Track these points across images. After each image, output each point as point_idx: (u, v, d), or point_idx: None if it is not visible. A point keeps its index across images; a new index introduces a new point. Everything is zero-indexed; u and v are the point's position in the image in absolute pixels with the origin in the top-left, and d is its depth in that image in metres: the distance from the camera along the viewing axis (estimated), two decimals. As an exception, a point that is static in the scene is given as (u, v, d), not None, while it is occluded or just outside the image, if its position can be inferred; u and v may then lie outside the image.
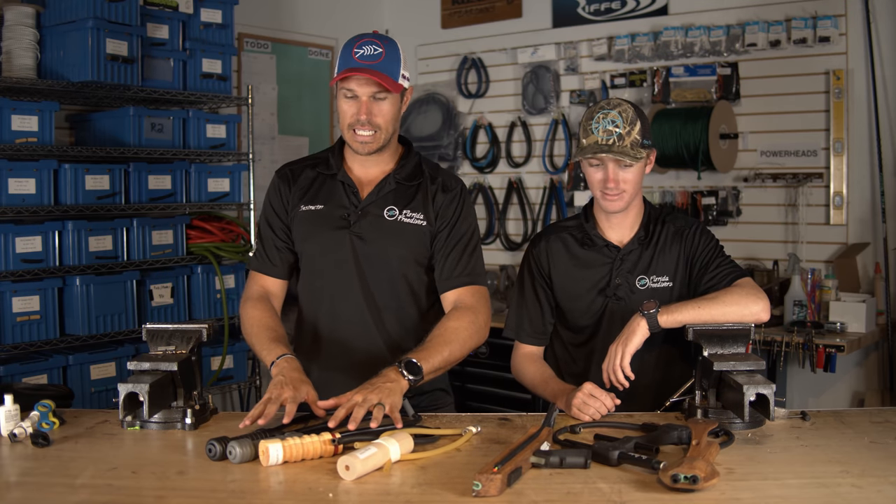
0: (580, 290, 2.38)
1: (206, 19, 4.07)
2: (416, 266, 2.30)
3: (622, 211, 2.33)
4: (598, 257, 2.37)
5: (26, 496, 1.63)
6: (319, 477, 1.68)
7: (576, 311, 2.39)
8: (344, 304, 2.29)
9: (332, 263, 2.29)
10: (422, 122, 5.41)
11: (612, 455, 1.71)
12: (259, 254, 2.39)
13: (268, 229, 2.37)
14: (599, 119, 2.25)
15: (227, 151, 4.16)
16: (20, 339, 3.42)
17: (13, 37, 3.50)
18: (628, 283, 2.33)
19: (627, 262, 2.35)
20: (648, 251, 2.35)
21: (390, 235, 2.27)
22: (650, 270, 2.34)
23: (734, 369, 1.98)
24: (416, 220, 2.28)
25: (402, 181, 2.31)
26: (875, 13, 4.01)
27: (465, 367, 4.51)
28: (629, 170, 2.26)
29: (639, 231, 2.36)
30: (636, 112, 2.26)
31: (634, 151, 2.23)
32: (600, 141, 2.24)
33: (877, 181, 4.01)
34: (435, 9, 5.49)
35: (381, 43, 2.21)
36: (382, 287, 2.29)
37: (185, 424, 2.02)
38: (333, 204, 2.30)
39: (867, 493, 1.57)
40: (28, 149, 3.45)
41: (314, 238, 2.30)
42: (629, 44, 4.65)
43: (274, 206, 2.36)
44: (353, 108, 2.21)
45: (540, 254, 2.43)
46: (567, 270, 2.39)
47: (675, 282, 2.34)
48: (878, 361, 4.07)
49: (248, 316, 2.30)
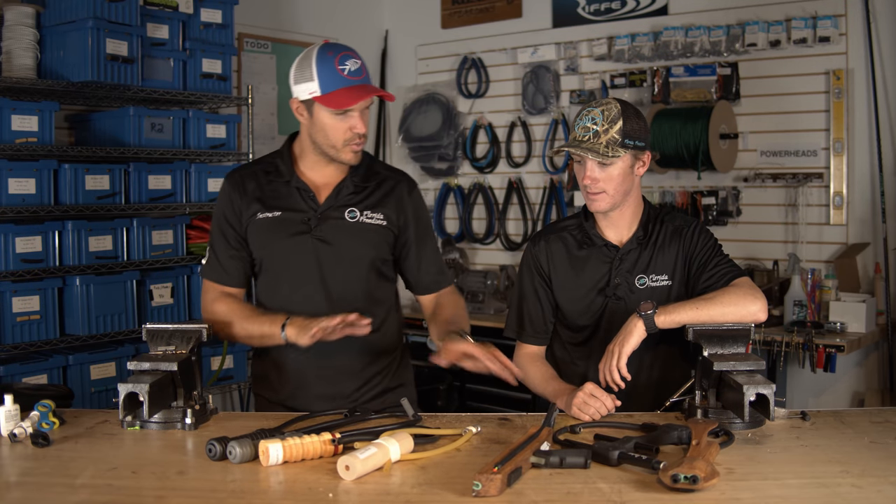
0: (580, 289, 2.38)
1: (206, 19, 4.06)
2: (378, 265, 2.36)
3: (606, 212, 2.31)
4: (597, 256, 2.37)
5: (26, 496, 1.63)
6: (319, 477, 1.68)
7: (575, 310, 2.39)
8: (309, 306, 2.27)
9: (295, 268, 2.31)
10: (422, 122, 5.41)
11: (612, 455, 1.71)
12: (212, 263, 2.36)
13: (221, 238, 2.35)
14: (583, 116, 2.26)
15: (227, 151, 4.16)
16: (20, 339, 3.42)
17: (13, 37, 3.49)
18: (627, 282, 2.33)
19: (626, 261, 2.34)
20: (647, 250, 2.35)
21: (354, 236, 2.31)
22: (649, 269, 2.33)
23: (734, 369, 1.98)
24: (377, 220, 2.33)
25: (358, 183, 2.34)
26: (875, 13, 4.01)
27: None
28: (608, 169, 2.24)
29: (637, 230, 2.36)
30: (622, 111, 2.23)
31: (608, 150, 2.20)
32: (577, 137, 2.24)
33: (877, 181, 4.01)
34: (435, 9, 5.49)
35: (355, 53, 2.25)
36: (346, 288, 2.32)
37: (185, 424, 2.03)
38: (291, 209, 2.31)
39: (867, 493, 1.57)
40: (28, 149, 3.45)
41: (274, 245, 2.31)
42: (629, 44, 4.65)
43: (226, 214, 2.34)
44: (349, 124, 2.23)
45: (539, 253, 2.42)
46: (566, 270, 2.39)
47: (673, 280, 2.33)
48: (878, 361, 4.07)
49: (220, 311, 2.29)
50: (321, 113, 2.22)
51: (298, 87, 2.23)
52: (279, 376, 2.36)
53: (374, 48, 5.62)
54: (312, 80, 2.19)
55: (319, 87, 2.19)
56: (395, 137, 5.56)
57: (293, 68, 2.27)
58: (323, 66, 2.18)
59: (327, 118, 2.22)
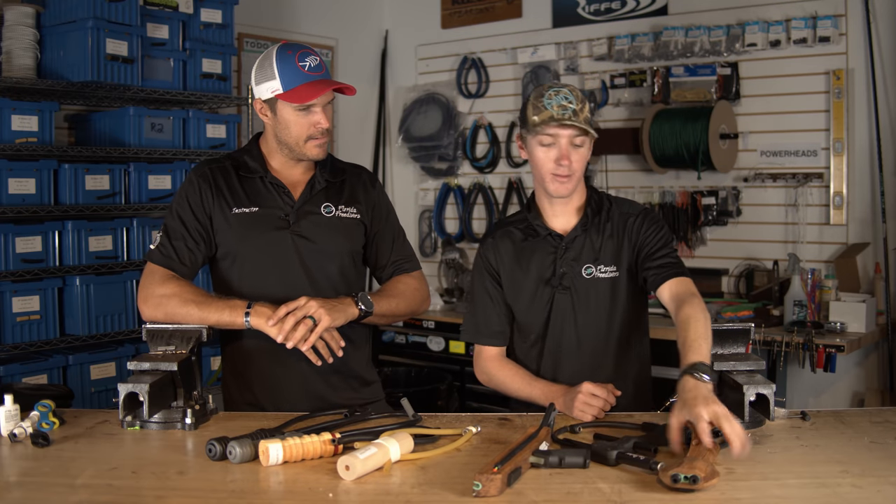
0: (526, 282, 2.34)
1: (206, 19, 4.07)
2: (354, 258, 2.41)
3: (569, 195, 2.29)
4: (542, 248, 2.34)
5: (26, 496, 1.63)
6: (319, 477, 1.68)
7: (523, 305, 2.34)
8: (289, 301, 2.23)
9: (273, 264, 2.31)
10: (422, 122, 5.41)
11: (610, 455, 1.71)
12: (165, 249, 2.29)
13: (180, 226, 2.30)
14: (552, 96, 2.22)
15: (227, 151, 4.15)
16: (20, 339, 3.42)
17: (13, 37, 3.50)
18: (573, 271, 2.30)
19: (572, 249, 2.31)
20: (595, 238, 2.31)
21: (332, 231, 2.35)
22: (597, 260, 2.30)
23: (734, 369, 1.98)
24: (351, 215, 2.40)
25: (329, 179, 2.39)
26: (875, 13, 4.01)
27: (465, 368, 4.51)
28: (580, 150, 2.24)
29: (581, 217, 2.33)
30: (584, 93, 2.25)
31: (588, 127, 2.22)
32: (556, 115, 2.20)
33: (877, 181, 4.01)
34: (435, 9, 5.49)
35: (314, 51, 2.28)
36: (325, 283, 2.34)
37: (185, 424, 2.02)
38: (268, 205, 2.32)
39: (867, 493, 1.57)
40: (28, 149, 3.45)
41: (253, 240, 2.30)
42: (629, 44, 4.65)
43: (192, 205, 2.31)
44: (312, 119, 2.26)
45: (487, 251, 2.40)
46: (514, 265, 2.36)
47: (620, 270, 2.30)
48: (878, 361, 4.07)
49: (169, 290, 2.21)
50: (284, 110, 2.25)
51: (260, 87, 2.26)
52: (251, 374, 2.34)
53: (374, 48, 5.62)
54: (274, 78, 2.23)
55: (281, 85, 2.22)
56: (395, 137, 5.56)
57: (254, 70, 2.29)
58: (283, 64, 2.22)
59: (290, 115, 2.25)
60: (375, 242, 2.46)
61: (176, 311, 2.19)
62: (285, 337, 2.11)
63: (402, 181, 5.64)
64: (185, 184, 2.35)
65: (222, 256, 2.34)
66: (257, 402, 2.34)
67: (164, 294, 2.21)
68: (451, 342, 4.58)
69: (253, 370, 2.34)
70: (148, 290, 2.23)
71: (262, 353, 2.29)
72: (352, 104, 5.20)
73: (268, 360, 2.30)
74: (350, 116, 5.40)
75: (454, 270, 4.96)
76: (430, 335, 4.65)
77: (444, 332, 4.62)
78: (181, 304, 2.19)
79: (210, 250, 2.33)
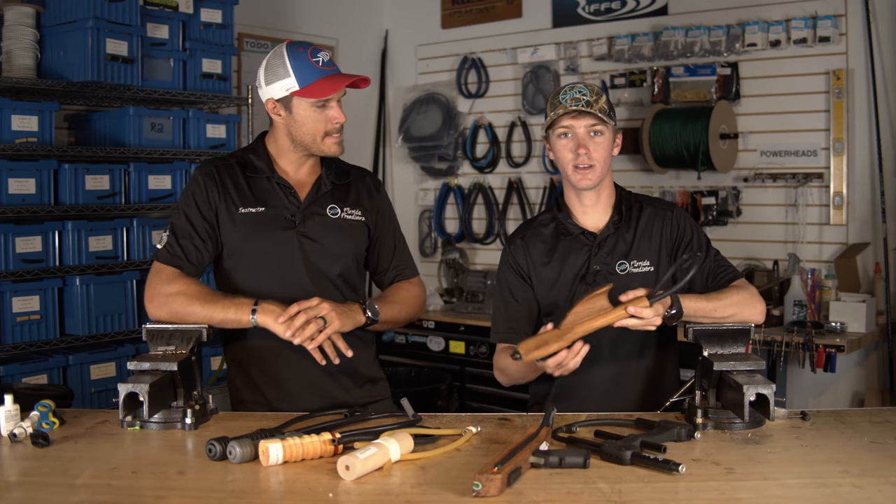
0: (561, 281, 2.35)
1: (206, 19, 4.07)
2: (357, 260, 2.42)
3: (594, 188, 2.31)
4: (575, 246, 2.35)
5: (26, 496, 1.63)
6: (319, 477, 1.68)
7: (558, 304, 2.35)
8: (297, 300, 2.23)
9: (278, 264, 2.31)
10: (422, 122, 5.41)
11: (624, 455, 1.71)
12: (172, 248, 2.27)
13: (187, 225, 2.29)
14: (566, 91, 2.27)
15: (227, 151, 4.15)
16: (20, 339, 3.42)
17: (13, 37, 3.50)
18: (607, 268, 2.31)
19: (605, 247, 2.33)
20: (628, 235, 2.33)
21: (337, 233, 2.36)
22: (630, 256, 2.32)
23: (734, 369, 1.98)
24: (356, 217, 2.40)
25: (335, 181, 2.40)
26: (875, 13, 4.01)
27: (465, 368, 4.52)
28: (598, 141, 2.26)
29: (612, 214, 2.35)
30: (601, 87, 2.26)
31: (603, 115, 2.24)
32: (569, 107, 2.23)
33: (877, 181, 4.01)
34: (435, 9, 5.49)
35: (322, 48, 2.30)
36: (329, 284, 2.34)
37: (185, 424, 2.02)
38: (274, 205, 2.33)
39: (867, 493, 1.57)
40: (28, 149, 3.45)
41: (258, 240, 2.30)
42: (629, 44, 4.65)
43: (199, 204, 2.30)
44: (329, 115, 2.28)
45: (517, 251, 2.41)
46: (546, 265, 2.37)
47: (657, 266, 2.32)
48: (878, 361, 4.07)
49: (176, 291, 2.19)
50: (300, 107, 2.26)
51: (272, 86, 2.26)
52: (260, 374, 2.35)
53: (374, 48, 5.62)
54: (289, 75, 2.23)
55: (297, 82, 2.23)
56: (395, 137, 5.56)
57: (262, 71, 2.29)
58: (297, 61, 2.23)
59: (307, 111, 2.26)
60: (378, 246, 2.47)
61: (181, 309, 2.18)
62: (293, 333, 2.10)
63: (402, 181, 5.64)
64: (192, 183, 2.35)
65: (227, 255, 2.34)
66: (267, 402, 2.34)
67: (169, 293, 2.20)
68: (450, 342, 4.58)
69: (261, 370, 2.34)
70: (154, 288, 2.23)
71: (268, 352, 2.30)
72: (352, 104, 5.15)
73: (275, 360, 2.31)
74: (350, 116, 5.29)
75: (454, 270, 4.96)
76: (430, 335, 4.65)
77: (444, 332, 4.61)
78: (186, 302, 2.18)
79: (217, 249, 2.33)
